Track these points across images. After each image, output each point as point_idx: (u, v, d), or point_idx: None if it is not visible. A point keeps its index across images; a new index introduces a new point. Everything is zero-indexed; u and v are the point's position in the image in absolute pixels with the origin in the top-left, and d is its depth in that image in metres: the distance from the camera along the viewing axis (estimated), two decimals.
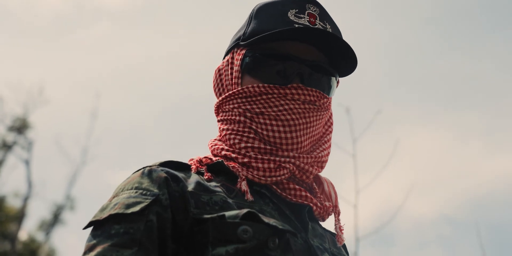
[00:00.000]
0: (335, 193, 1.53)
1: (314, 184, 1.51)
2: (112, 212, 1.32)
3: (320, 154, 1.50)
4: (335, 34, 1.46)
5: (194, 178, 1.40)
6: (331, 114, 1.57)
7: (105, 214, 1.32)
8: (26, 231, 17.85)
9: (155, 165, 1.42)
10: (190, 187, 1.37)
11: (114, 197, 1.37)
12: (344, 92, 1.60)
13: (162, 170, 1.39)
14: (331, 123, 1.56)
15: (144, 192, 1.34)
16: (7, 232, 17.09)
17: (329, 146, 1.55)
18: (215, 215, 1.31)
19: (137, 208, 1.31)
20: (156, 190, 1.34)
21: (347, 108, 3.84)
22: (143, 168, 1.41)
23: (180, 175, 1.40)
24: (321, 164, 1.51)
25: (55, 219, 18.21)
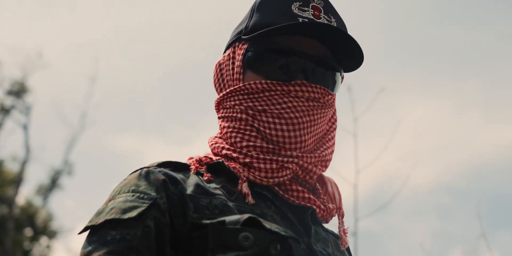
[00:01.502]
0: (339, 194, 1.48)
1: (317, 184, 1.46)
2: (108, 217, 1.27)
3: (323, 153, 1.45)
4: (341, 29, 1.40)
5: (193, 179, 1.36)
6: (335, 110, 1.52)
7: (101, 219, 1.28)
8: (24, 195, 17.92)
9: (152, 166, 1.37)
10: (189, 189, 1.32)
11: (110, 200, 1.33)
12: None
13: (160, 171, 1.34)
14: (335, 120, 1.51)
15: (142, 195, 1.30)
16: (5, 197, 17.14)
17: (333, 143, 1.49)
18: (215, 220, 1.27)
19: (134, 214, 1.26)
20: (153, 194, 1.30)
21: (348, 87, 3.78)
22: (140, 169, 1.37)
23: (179, 176, 1.35)
24: (325, 163, 1.46)
25: (53, 184, 18.25)
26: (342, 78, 1.51)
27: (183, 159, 1.45)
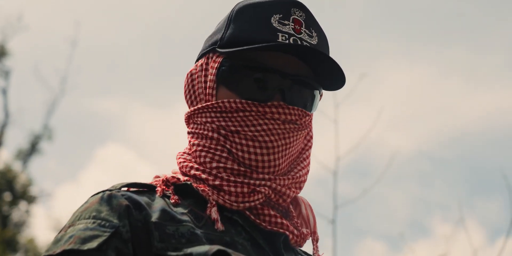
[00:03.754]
0: (314, 216, 1.41)
1: (290, 206, 1.39)
2: (67, 247, 1.19)
3: (298, 174, 1.37)
4: (323, 52, 1.33)
5: (159, 203, 1.28)
6: (311, 126, 1.44)
7: (58, 248, 1.20)
8: (3, 160, 17.76)
9: (115, 189, 1.29)
10: (155, 216, 1.24)
11: (69, 226, 1.25)
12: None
13: (123, 195, 1.27)
14: (311, 137, 1.43)
15: (103, 223, 1.22)
16: None
17: (308, 163, 1.42)
18: (181, 253, 1.20)
19: (94, 244, 1.19)
20: (115, 221, 1.22)
21: None
22: (103, 192, 1.29)
23: (144, 200, 1.28)
24: (299, 185, 1.39)
25: (33, 148, 18.11)
26: (321, 95, 1.43)
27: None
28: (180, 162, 1.38)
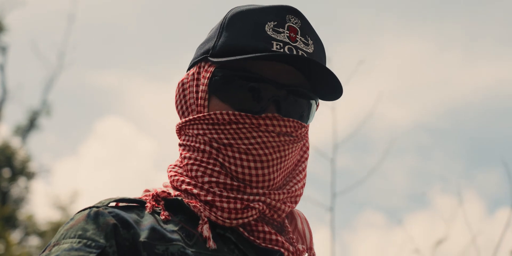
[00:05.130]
0: (310, 231, 1.36)
1: (285, 220, 1.34)
2: None
3: (293, 188, 1.32)
4: (319, 63, 1.27)
5: (148, 220, 1.23)
6: (308, 137, 1.38)
7: None
8: (2, 136, 17.72)
9: (103, 206, 1.23)
10: (143, 235, 1.19)
11: (54, 245, 1.20)
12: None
13: (110, 213, 1.21)
14: (307, 148, 1.38)
15: (89, 243, 1.17)
16: None
17: (305, 176, 1.37)
18: None
19: None
20: (102, 241, 1.17)
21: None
22: (89, 208, 1.23)
23: (132, 217, 1.22)
24: (295, 199, 1.33)
25: (31, 124, 18.07)
26: (317, 105, 1.38)
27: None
28: (171, 176, 1.33)
